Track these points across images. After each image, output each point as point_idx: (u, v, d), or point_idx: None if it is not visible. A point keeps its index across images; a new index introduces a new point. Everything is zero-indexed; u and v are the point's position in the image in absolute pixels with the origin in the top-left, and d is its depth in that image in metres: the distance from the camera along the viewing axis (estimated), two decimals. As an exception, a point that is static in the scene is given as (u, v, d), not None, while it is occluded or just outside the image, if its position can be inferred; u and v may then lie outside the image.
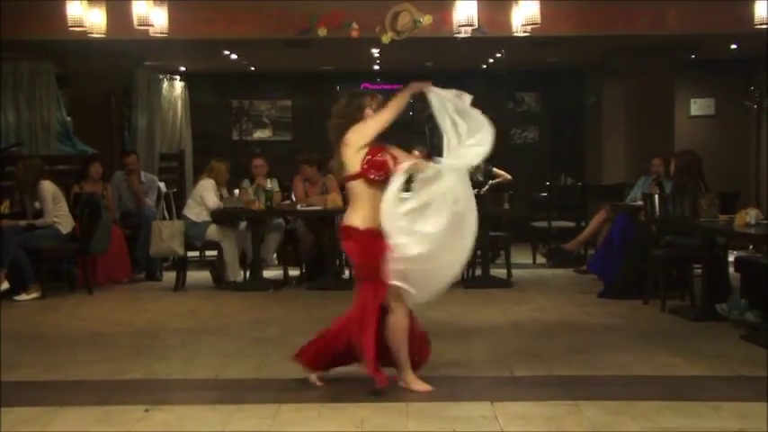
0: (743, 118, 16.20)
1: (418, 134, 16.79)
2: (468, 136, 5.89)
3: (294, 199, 10.99)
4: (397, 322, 5.74)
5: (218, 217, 10.56)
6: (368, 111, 5.96)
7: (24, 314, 9.09)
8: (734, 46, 13.59)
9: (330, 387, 6.02)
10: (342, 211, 10.46)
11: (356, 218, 5.77)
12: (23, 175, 10.10)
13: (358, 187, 5.77)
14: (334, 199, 10.50)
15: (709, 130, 16.29)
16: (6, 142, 12.64)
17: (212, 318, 8.85)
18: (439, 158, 6.00)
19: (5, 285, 9.63)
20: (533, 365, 6.59)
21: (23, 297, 9.75)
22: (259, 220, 10.64)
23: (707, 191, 9.37)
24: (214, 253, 11.06)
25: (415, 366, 5.92)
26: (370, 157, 5.74)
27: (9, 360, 6.90)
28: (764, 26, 9.70)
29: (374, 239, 5.65)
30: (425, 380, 5.88)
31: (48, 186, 10.05)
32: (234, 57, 14.16)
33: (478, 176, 12.36)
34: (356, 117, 5.92)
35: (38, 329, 8.34)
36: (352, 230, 5.78)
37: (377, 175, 5.71)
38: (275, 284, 10.68)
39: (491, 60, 14.70)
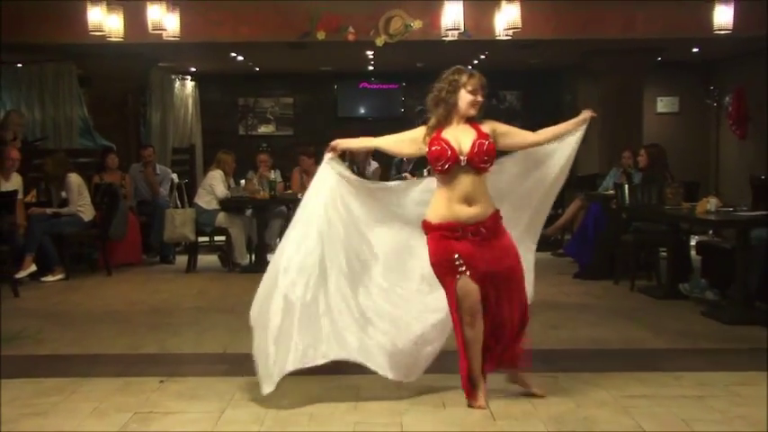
0: (704, 115, 16.28)
1: (409, 127, 16.86)
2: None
3: (291, 189, 10.99)
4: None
5: (226, 205, 10.57)
6: (462, 93, 4.88)
7: (50, 294, 9.12)
8: (695, 49, 13.63)
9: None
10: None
11: (429, 211, 4.95)
12: (53, 169, 10.16)
13: (436, 182, 4.96)
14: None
15: (673, 126, 16.34)
16: (33, 137, 12.70)
17: (221, 297, 8.87)
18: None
19: (33, 268, 9.65)
20: (514, 340, 6.62)
21: (49, 278, 9.77)
22: (263, 207, 10.65)
23: (672, 180, 9.40)
24: (223, 238, 11.07)
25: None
26: (429, 149, 4.90)
27: (36, 336, 6.95)
28: (723, 32, 9.75)
29: (440, 237, 4.85)
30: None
31: (74, 179, 10.11)
32: (240, 58, 14.15)
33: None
34: (449, 99, 4.91)
35: (62, 308, 8.36)
36: (425, 224, 4.95)
37: (440, 167, 4.82)
38: (278, 267, 10.66)
39: (476, 61, 14.69)
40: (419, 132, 5.03)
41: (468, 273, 4.81)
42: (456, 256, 4.81)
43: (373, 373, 5.26)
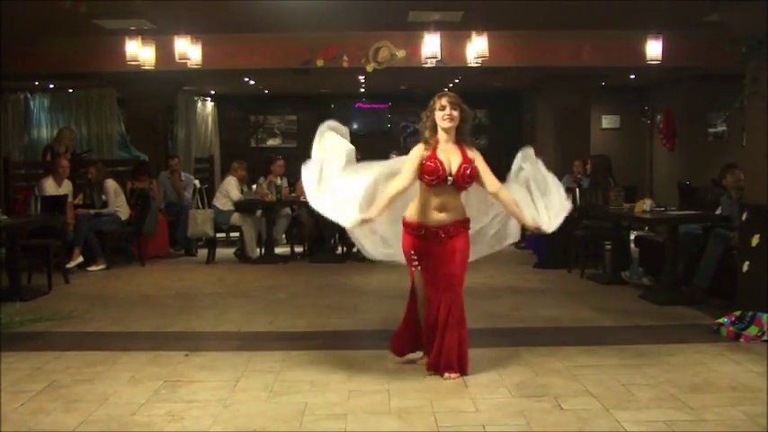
0: (640, 130, 16.36)
1: (394, 140, 16.88)
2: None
3: (296, 193, 10.98)
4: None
5: (240, 206, 10.54)
6: (436, 114, 4.88)
7: (94, 281, 9.09)
8: (633, 76, 13.69)
9: (329, 338, 6.06)
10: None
11: (409, 210, 4.96)
12: (94, 176, 10.14)
13: (420, 187, 4.92)
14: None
15: (615, 139, 16.42)
16: (80, 149, 12.71)
17: (236, 284, 8.85)
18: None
19: (80, 259, 9.67)
20: (484, 320, 6.64)
21: (93, 268, 9.75)
22: (271, 208, 10.63)
23: (615, 185, 9.45)
24: (237, 234, 11.04)
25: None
26: (425, 162, 4.84)
27: (84, 316, 6.96)
28: (654, 62, 9.84)
29: (408, 232, 4.95)
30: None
31: (110, 183, 10.11)
32: (252, 82, 14.14)
33: None
34: (430, 119, 4.92)
35: (104, 293, 8.34)
36: (403, 219, 4.99)
37: (429, 180, 4.82)
38: (284, 259, 10.66)
39: (451, 85, 14.70)
40: (418, 152, 4.88)
41: (420, 267, 4.98)
42: (412, 251, 4.95)
43: (365, 348, 5.30)
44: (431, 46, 9.54)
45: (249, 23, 9.58)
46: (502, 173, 5.29)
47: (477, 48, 9.55)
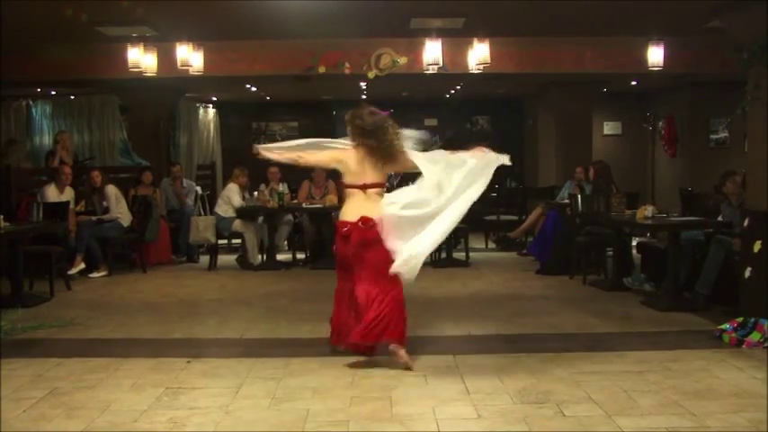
0: (642, 137, 16.39)
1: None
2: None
3: (298, 199, 10.99)
4: None
5: (242, 213, 10.55)
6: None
7: (96, 287, 9.09)
8: (634, 82, 13.71)
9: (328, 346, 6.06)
10: (337, 208, 10.52)
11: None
12: (100, 180, 10.15)
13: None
14: (331, 199, 10.52)
15: (617, 146, 16.44)
16: (82, 156, 12.74)
17: (238, 291, 8.85)
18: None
19: (82, 266, 9.67)
20: (486, 326, 6.65)
21: (95, 274, 9.76)
22: (273, 215, 10.64)
23: (617, 191, 9.45)
24: (239, 241, 11.05)
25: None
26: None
27: (85, 322, 6.97)
28: (656, 68, 9.86)
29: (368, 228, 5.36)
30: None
31: (111, 189, 10.12)
32: (254, 89, 14.16)
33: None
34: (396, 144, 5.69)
35: (106, 299, 8.34)
36: (372, 221, 5.43)
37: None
38: (286, 265, 10.65)
39: (452, 91, 14.74)
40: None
41: None
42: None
43: (360, 357, 5.32)
44: (432, 53, 9.57)
45: (251, 30, 9.61)
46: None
47: (478, 54, 9.59)
